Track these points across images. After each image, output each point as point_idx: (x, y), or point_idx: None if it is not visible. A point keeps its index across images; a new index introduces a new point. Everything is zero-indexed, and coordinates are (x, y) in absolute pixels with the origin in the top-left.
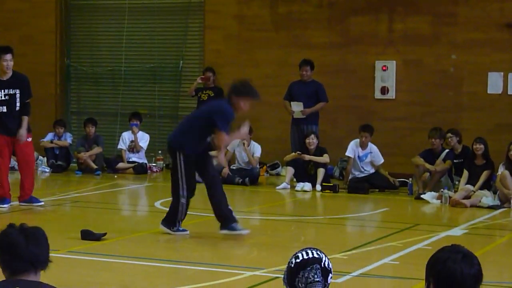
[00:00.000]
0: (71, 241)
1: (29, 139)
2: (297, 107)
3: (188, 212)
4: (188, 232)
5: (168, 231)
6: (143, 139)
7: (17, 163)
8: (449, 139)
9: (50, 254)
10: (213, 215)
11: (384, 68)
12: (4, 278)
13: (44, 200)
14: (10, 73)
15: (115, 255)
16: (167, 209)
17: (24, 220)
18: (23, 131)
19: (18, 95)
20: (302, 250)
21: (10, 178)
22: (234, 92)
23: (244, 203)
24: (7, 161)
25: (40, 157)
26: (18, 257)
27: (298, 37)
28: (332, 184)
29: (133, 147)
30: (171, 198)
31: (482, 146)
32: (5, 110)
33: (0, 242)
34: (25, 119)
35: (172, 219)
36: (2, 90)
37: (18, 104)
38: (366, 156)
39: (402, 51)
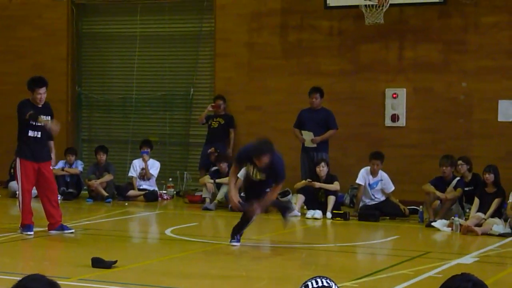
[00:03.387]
0: (82, 268)
1: (51, 167)
2: (307, 136)
3: (199, 240)
4: None
5: None
6: (154, 166)
7: (38, 191)
8: (460, 167)
9: (61, 282)
10: (224, 243)
11: (394, 95)
12: None
13: None
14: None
15: (126, 283)
16: (178, 237)
17: (36, 247)
18: (54, 156)
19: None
20: (312, 278)
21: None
22: None
23: (255, 230)
24: (31, 186)
25: None
26: None
27: (308, 64)
28: (342, 212)
29: (144, 175)
30: (181, 226)
31: (492, 175)
32: (39, 135)
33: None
34: (52, 143)
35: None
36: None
37: (49, 132)
38: (376, 183)
39: (412, 78)
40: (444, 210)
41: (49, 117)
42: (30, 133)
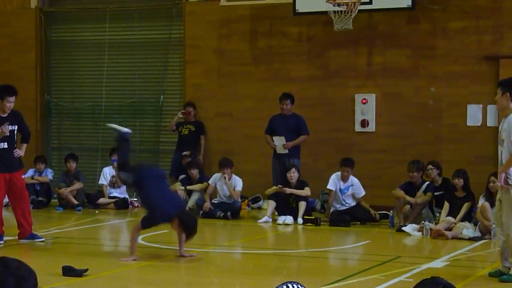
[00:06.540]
0: (53, 277)
1: (22, 176)
2: (279, 142)
3: (170, 247)
4: None
5: None
6: None
7: (10, 201)
8: (430, 171)
9: None
10: (196, 249)
11: (363, 101)
12: None
13: None
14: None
15: None
16: (149, 244)
17: (7, 256)
18: (22, 153)
19: (15, 131)
20: (283, 284)
21: None
22: None
23: (226, 237)
24: (2, 197)
25: None
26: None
27: (278, 71)
28: (313, 217)
29: (114, 182)
30: (152, 233)
31: (461, 180)
32: (6, 146)
33: None
34: (25, 145)
35: None
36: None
37: (15, 140)
38: (347, 189)
39: (382, 84)
40: (414, 214)
41: (16, 126)
42: None
